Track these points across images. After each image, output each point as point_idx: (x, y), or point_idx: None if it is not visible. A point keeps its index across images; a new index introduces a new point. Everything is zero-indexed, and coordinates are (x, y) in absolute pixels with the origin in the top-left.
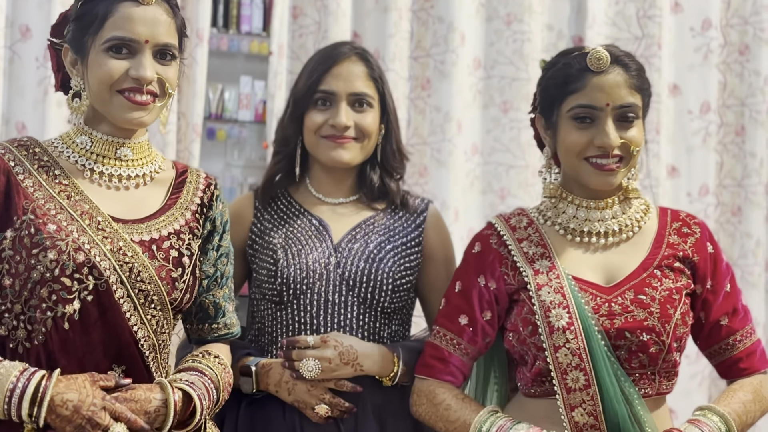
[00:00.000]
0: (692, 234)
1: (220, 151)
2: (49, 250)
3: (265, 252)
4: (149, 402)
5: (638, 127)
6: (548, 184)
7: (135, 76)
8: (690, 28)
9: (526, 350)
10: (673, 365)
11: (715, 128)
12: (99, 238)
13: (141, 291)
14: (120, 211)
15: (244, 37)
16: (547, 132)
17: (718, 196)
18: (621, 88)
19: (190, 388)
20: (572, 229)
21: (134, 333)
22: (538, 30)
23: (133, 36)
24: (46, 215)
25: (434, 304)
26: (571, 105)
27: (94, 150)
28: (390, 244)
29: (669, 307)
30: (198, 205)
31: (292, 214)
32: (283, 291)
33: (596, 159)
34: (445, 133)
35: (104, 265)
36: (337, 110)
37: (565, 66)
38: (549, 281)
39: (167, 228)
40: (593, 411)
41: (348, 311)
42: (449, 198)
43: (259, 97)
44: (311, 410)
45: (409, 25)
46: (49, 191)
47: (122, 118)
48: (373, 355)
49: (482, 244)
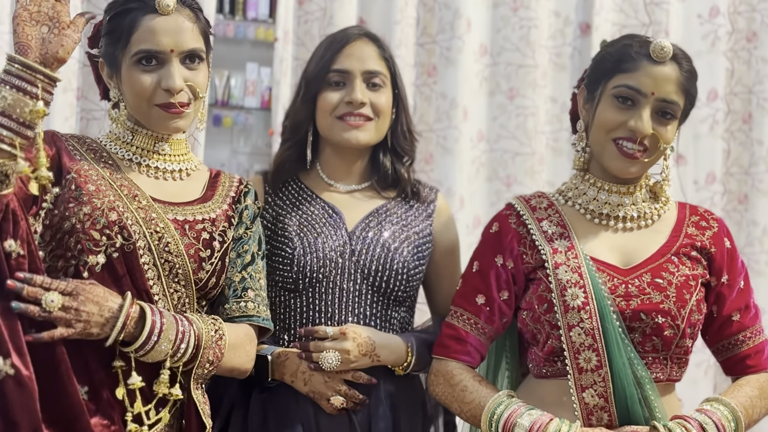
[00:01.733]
0: (710, 228)
1: (227, 138)
2: (84, 204)
3: (279, 239)
4: (106, 300)
5: (672, 126)
6: (578, 155)
7: (166, 88)
8: (697, 15)
9: (540, 328)
10: (685, 352)
11: (722, 116)
12: (134, 207)
13: (167, 261)
14: (160, 194)
15: (251, 23)
16: (586, 105)
17: (725, 184)
18: (670, 83)
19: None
20: (592, 210)
21: (155, 302)
22: (545, 16)
23: (158, 48)
24: (88, 178)
25: (439, 292)
26: (617, 83)
27: (135, 143)
28: (403, 233)
29: (685, 292)
30: (232, 198)
31: (304, 200)
32: (299, 279)
33: (623, 141)
34: (451, 120)
35: (134, 228)
36: (352, 87)
37: (625, 46)
38: (567, 260)
39: (204, 215)
40: (604, 392)
41: (362, 299)
42: (455, 185)
43: (266, 83)
44: (326, 401)
45: (415, 11)
46: (93, 165)
47: (162, 127)
48: (390, 345)
49: (501, 224)
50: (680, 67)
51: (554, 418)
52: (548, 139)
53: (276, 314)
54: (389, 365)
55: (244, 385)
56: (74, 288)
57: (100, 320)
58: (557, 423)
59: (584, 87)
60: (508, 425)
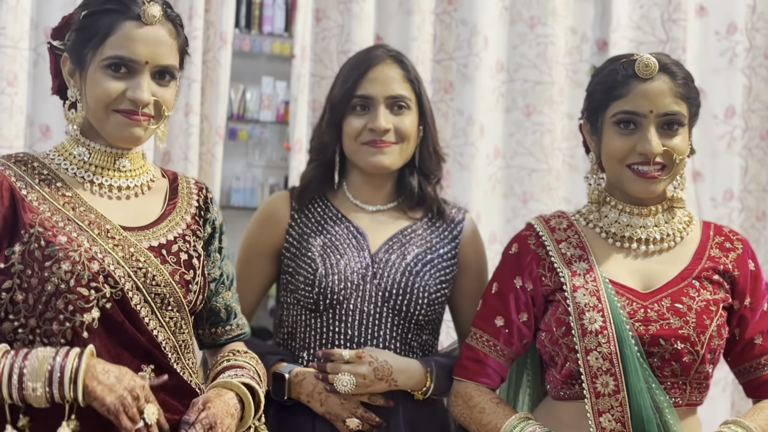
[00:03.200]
0: (734, 249)
1: (242, 152)
2: (62, 261)
3: (303, 258)
4: (229, 405)
5: (683, 135)
6: (592, 189)
7: (132, 98)
8: (715, 31)
9: (558, 351)
10: (705, 377)
11: (740, 132)
12: (110, 246)
13: (157, 295)
14: (126, 219)
15: (266, 37)
16: (593, 137)
17: (743, 201)
18: (666, 95)
19: (247, 379)
20: (613, 233)
21: (155, 337)
22: (561, 33)
23: (133, 56)
24: (55, 227)
25: (466, 315)
26: (615, 111)
27: (92, 161)
28: (427, 256)
29: (705, 317)
30: (196, 208)
31: (329, 219)
32: (320, 300)
33: (638, 166)
34: (468, 136)
35: (119, 273)
36: (375, 114)
37: (611, 72)
38: (585, 283)
39: (172, 232)
40: (621, 417)
41: (382, 322)
42: (471, 202)
43: (281, 97)
44: (342, 423)
45: (432, 28)
46: (54, 203)
47: (118, 135)
48: (408, 370)
49: (520, 245)
50: (672, 77)
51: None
52: (565, 155)
53: (296, 333)
54: (408, 389)
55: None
56: (209, 421)
57: (235, 420)
58: None
59: (586, 120)
60: None
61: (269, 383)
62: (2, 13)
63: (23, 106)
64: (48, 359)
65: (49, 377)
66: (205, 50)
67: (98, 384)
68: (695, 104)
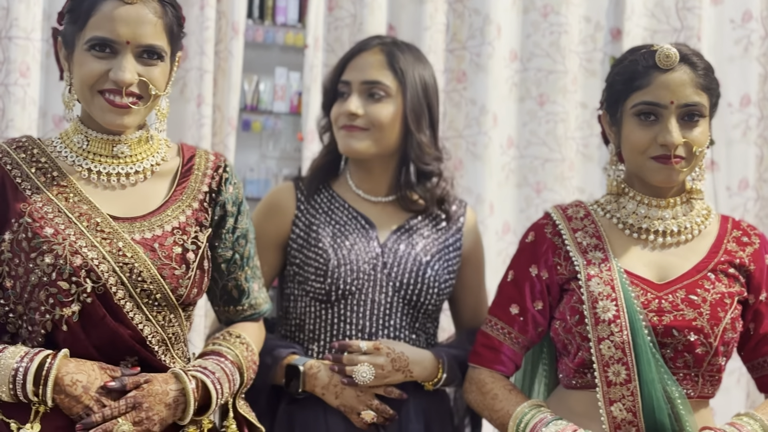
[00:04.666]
0: (751, 244)
1: (255, 143)
2: (46, 254)
3: (313, 249)
4: (167, 395)
5: (703, 126)
6: (611, 180)
7: (113, 79)
8: (730, 19)
9: (571, 339)
10: (718, 370)
11: (755, 121)
12: (98, 240)
13: (143, 291)
14: (120, 210)
15: (280, 28)
16: (612, 128)
17: (758, 190)
18: (687, 86)
19: (203, 374)
20: (630, 224)
21: (140, 331)
22: (575, 22)
23: (113, 37)
24: (44, 218)
25: (464, 306)
26: (635, 101)
27: (90, 149)
28: (435, 247)
29: (720, 310)
30: (206, 193)
31: (336, 208)
32: (332, 291)
33: (659, 159)
34: (481, 126)
35: (102, 268)
36: (349, 99)
37: (632, 63)
38: (600, 272)
39: (171, 223)
40: (632, 407)
41: (394, 312)
42: (484, 191)
43: (295, 88)
44: (356, 415)
45: (445, 17)
46: (47, 194)
47: (103, 120)
48: (423, 361)
49: (536, 234)
50: (693, 67)
51: (578, 429)
52: (578, 145)
53: (305, 324)
54: (420, 381)
55: (272, 396)
56: (133, 401)
57: (170, 411)
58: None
59: (605, 110)
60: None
61: (281, 376)
62: (14, 4)
63: (36, 97)
64: (13, 363)
65: (12, 380)
66: (217, 41)
67: (65, 397)
68: (716, 95)
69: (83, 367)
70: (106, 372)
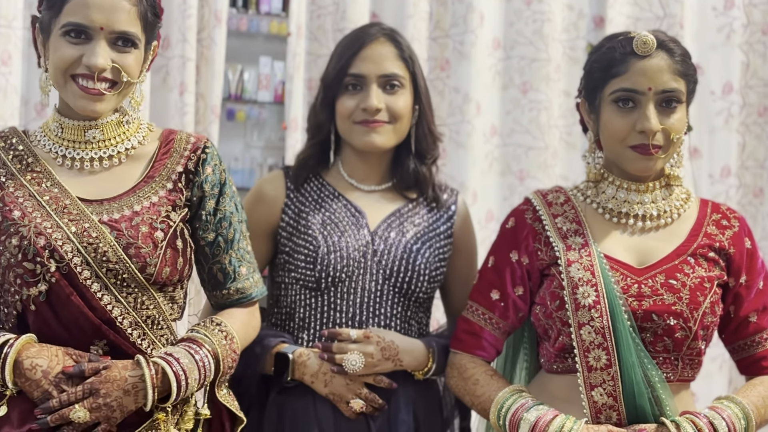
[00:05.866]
0: (731, 227)
1: (240, 132)
2: (13, 236)
3: (303, 237)
4: (125, 381)
5: (681, 113)
6: (590, 168)
7: (86, 64)
8: (712, 7)
9: (551, 324)
10: (698, 353)
11: (737, 109)
12: (64, 222)
13: (109, 270)
14: (90, 193)
15: (264, 17)
16: (591, 116)
17: (740, 178)
18: (664, 73)
19: (165, 362)
20: (610, 209)
21: (108, 312)
22: (558, 10)
23: (86, 23)
24: (14, 202)
25: (455, 295)
26: (613, 88)
27: (64, 136)
28: (425, 235)
29: (699, 294)
30: (180, 173)
31: (326, 198)
32: (322, 278)
33: (638, 148)
34: (464, 114)
35: (66, 248)
36: (367, 93)
37: (609, 50)
38: (580, 258)
39: (141, 203)
40: (612, 391)
41: (384, 300)
42: (468, 180)
43: (279, 77)
44: (345, 404)
45: (428, 5)
46: (20, 179)
47: (75, 105)
48: (413, 350)
49: (517, 220)
50: (670, 54)
51: (559, 414)
52: (561, 133)
53: (295, 313)
54: (410, 370)
55: (261, 385)
56: (90, 387)
57: (130, 398)
58: (561, 419)
59: (584, 98)
60: (514, 419)
61: (270, 365)
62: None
63: (18, 86)
64: None
65: None
66: (199, 29)
67: (25, 381)
68: (693, 81)
69: (45, 352)
70: (71, 357)
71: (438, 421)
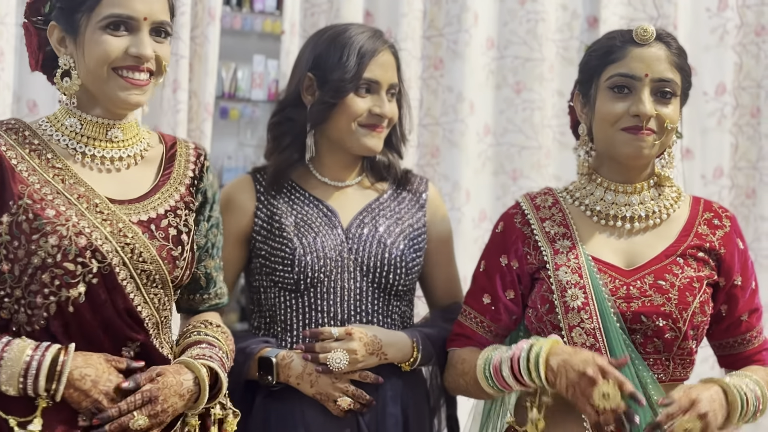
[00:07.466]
0: (722, 227)
1: (233, 131)
2: (49, 235)
3: (277, 239)
4: (181, 385)
5: (675, 105)
6: (582, 161)
7: (136, 54)
8: (706, 8)
9: (543, 327)
10: (689, 353)
11: (730, 110)
12: (98, 221)
13: (143, 271)
14: (115, 192)
15: (258, 15)
16: (584, 110)
17: (733, 179)
18: (662, 62)
19: (212, 362)
20: (598, 211)
21: (139, 312)
22: (552, 10)
23: (132, 13)
24: (44, 200)
25: (435, 283)
26: (610, 74)
27: (84, 132)
28: (398, 227)
29: (688, 294)
30: (191, 178)
31: (297, 199)
32: (300, 279)
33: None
34: (458, 113)
35: (106, 248)
36: (380, 100)
37: (609, 39)
38: (568, 261)
39: (163, 206)
40: None
41: (364, 296)
42: (461, 179)
43: (272, 76)
44: (333, 403)
45: (422, 4)
46: (44, 175)
47: (119, 98)
48: (397, 343)
49: (506, 224)
50: (668, 46)
51: (530, 340)
52: (555, 132)
53: (276, 316)
54: (396, 362)
55: (246, 391)
56: (149, 394)
57: (184, 402)
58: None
59: (578, 92)
60: (495, 364)
61: (254, 369)
62: None
63: (10, 82)
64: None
65: (24, 375)
66: (193, 26)
67: (74, 391)
68: (687, 78)
69: (91, 361)
70: (111, 364)
71: (426, 412)
